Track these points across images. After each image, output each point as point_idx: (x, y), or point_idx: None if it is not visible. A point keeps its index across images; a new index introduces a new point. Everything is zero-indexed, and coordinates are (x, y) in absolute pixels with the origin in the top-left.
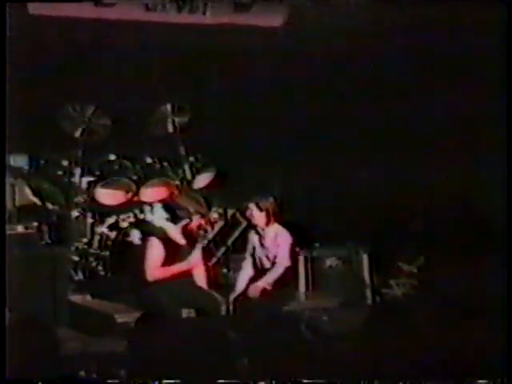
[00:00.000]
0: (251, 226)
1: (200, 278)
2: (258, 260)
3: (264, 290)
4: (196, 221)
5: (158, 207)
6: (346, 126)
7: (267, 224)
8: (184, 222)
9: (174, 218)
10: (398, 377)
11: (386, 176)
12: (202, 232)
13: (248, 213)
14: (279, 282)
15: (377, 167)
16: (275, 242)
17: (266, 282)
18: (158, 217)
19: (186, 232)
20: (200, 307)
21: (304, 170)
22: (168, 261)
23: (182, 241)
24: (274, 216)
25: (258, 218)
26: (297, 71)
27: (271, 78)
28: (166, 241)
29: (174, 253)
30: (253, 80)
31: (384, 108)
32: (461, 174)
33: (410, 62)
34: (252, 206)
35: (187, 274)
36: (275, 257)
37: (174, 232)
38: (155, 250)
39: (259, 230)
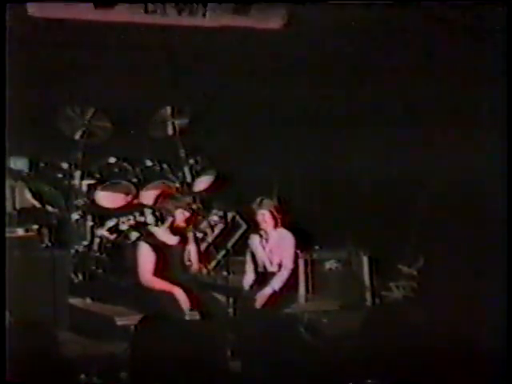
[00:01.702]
0: (254, 228)
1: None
2: (260, 263)
3: (272, 295)
4: (180, 216)
5: (148, 211)
6: (345, 128)
7: (275, 227)
8: (169, 222)
9: (158, 221)
10: (397, 379)
11: (386, 178)
12: (191, 227)
13: (259, 217)
14: (288, 287)
15: (377, 169)
16: (280, 245)
17: (273, 286)
18: (149, 221)
19: (174, 231)
20: (200, 310)
21: (304, 173)
22: (160, 264)
23: (172, 241)
24: (282, 219)
25: (269, 221)
26: (296, 73)
27: (271, 80)
28: (156, 245)
29: (165, 255)
30: (253, 82)
31: (384, 109)
32: (461, 176)
33: (410, 62)
34: (265, 212)
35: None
36: (281, 260)
37: (162, 234)
38: (145, 257)
39: (262, 233)
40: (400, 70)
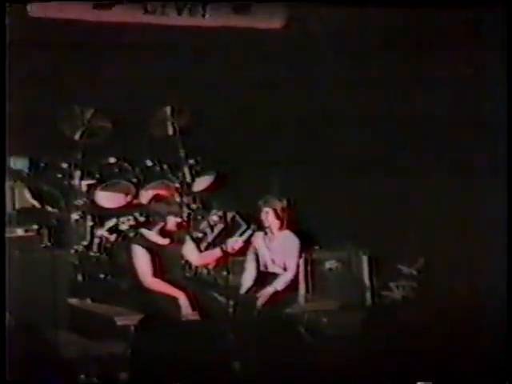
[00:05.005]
0: (258, 227)
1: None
2: (262, 262)
3: (274, 294)
4: (171, 221)
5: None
6: (346, 127)
7: (280, 228)
8: (159, 226)
9: (148, 224)
10: (397, 379)
11: (386, 178)
12: (184, 230)
13: (263, 215)
14: (288, 287)
15: (377, 169)
16: (284, 246)
17: (276, 286)
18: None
19: (165, 234)
20: (200, 309)
21: (304, 173)
22: (157, 264)
23: (163, 241)
24: (288, 221)
25: (273, 220)
26: (297, 73)
27: (271, 80)
28: (149, 246)
29: (160, 255)
30: (253, 82)
31: (384, 110)
32: (461, 177)
33: (410, 62)
34: (268, 210)
35: None
36: (284, 262)
37: (154, 237)
38: (140, 259)
39: (267, 231)
40: (399, 69)
